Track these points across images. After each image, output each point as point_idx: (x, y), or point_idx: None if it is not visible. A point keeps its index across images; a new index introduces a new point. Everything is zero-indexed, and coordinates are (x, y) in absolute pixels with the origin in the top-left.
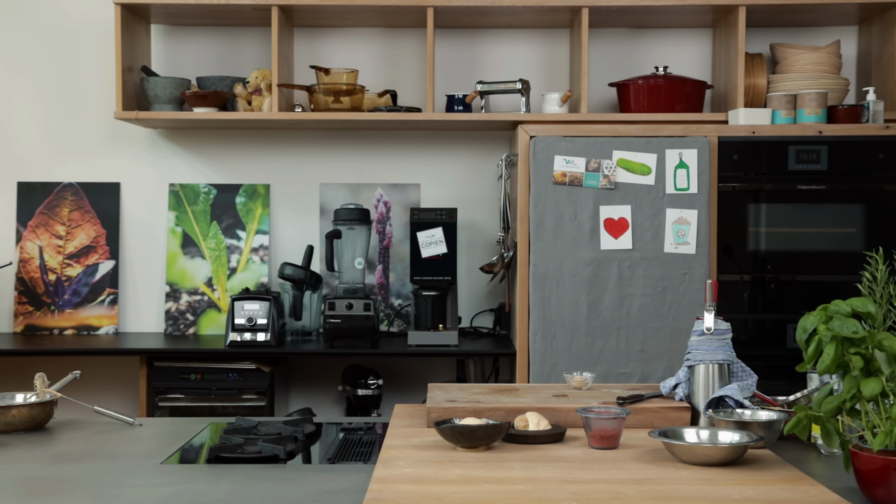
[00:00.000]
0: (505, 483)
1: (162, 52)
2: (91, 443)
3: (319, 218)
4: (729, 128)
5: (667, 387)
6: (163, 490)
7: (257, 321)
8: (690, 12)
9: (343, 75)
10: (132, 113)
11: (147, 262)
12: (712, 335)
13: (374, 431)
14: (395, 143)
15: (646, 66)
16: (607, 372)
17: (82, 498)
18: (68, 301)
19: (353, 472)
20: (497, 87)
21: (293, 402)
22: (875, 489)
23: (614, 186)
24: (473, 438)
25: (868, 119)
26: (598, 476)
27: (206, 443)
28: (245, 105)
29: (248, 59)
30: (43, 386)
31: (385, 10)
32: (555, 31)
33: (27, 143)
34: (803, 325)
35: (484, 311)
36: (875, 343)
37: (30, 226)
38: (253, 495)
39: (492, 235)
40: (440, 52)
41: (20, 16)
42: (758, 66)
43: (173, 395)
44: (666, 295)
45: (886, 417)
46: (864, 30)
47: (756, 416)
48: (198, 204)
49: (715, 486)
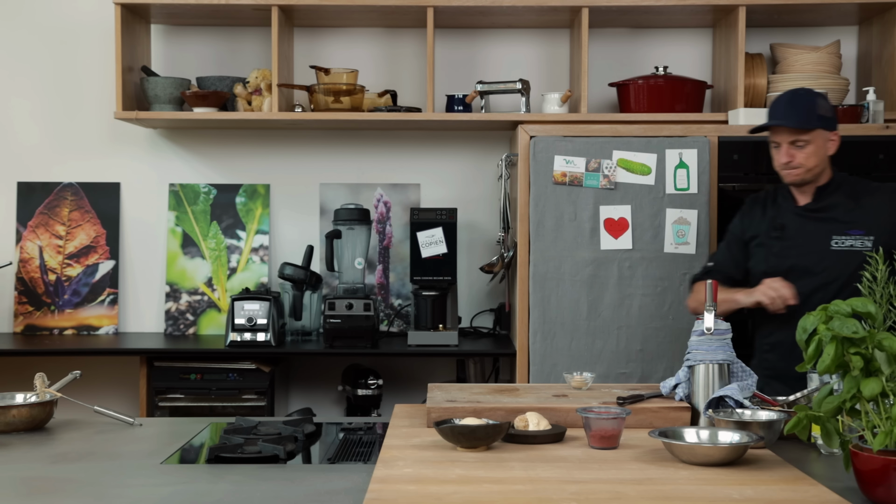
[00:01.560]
0: (505, 483)
1: (162, 52)
2: (91, 443)
3: (319, 218)
4: (729, 128)
5: (667, 387)
6: (163, 490)
7: (257, 321)
8: (690, 12)
9: (343, 75)
10: (132, 113)
11: (147, 262)
12: (712, 335)
13: (374, 431)
14: (395, 143)
15: (646, 66)
16: (607, 372)
17: (82, 498)
18: (68, 301)
19: (353, 472)
20: (497, 87)
21: (293, 402)
22: (875, 489)
23: (614, 186)
24: (473, 438)
25: (868, 119)
26: (598, 476)
27: (206, 443)
28: (245, 105)
29: (248, 59)
30: (43, 386)
31: (385, 10)
32: (555, 31)
33: (27, 143)
34: (803, 325)
35: (484, 311)
36: (875, 343)
37: (30, 226)
38: (253, 495)
39: (492, 235)
40: (440, 52)
41: (20, 16)
42: (758, 66)
43: (173, 395)
44: (666, 295)
45: (886, 417)
46: (864, 30)
47: (756, 416)
48: (198, 204)
49: (715, 486)
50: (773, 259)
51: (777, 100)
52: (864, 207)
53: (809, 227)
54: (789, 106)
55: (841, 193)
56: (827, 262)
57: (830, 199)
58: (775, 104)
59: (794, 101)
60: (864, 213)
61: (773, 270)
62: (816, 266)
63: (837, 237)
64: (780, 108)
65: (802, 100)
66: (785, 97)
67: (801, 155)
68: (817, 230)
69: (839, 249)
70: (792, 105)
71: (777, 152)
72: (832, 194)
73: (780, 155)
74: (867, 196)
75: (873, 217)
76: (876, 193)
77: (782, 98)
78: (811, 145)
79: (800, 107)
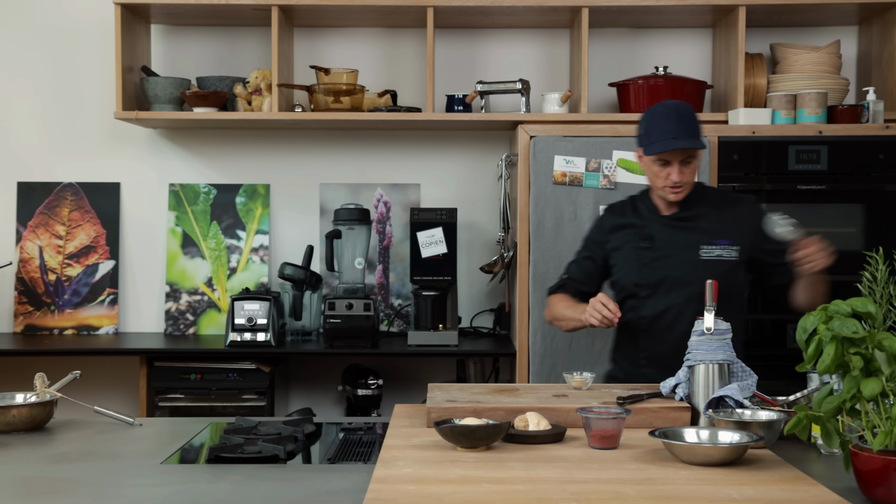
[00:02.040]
0: (505, 483)
1: (162, 52)
2: (91, 443)
3: (319, 218)
4: (729, 128)
5: (667, 387)
6: (163, 490)
7: (257, 321)
8: (690, 12)
9: (343, 75)
10: (132, 113)
11: (147, 262)
12: (712, 335)
13: (374, 431)
14: (395, 143)
15: (646, 66)
16: None
17: (82, 498)
18: (68, 301)
19: (353, 472)
20: (497, 87)
21: (293, 402)
22: (875, 489)
23: (614, 186)
24: (473, 438)
25: (868, 119)
26: (598, 476)
27: (206, 443)
28: (245, 105)
29: (248, 59)
30: (43, 386)
31: (385, 10)
32: (555, 31)
33: (27, 143)
34: (803, 325)
35: (484, 311)
36: (875, 343)
37: (30, 226)
38: (253, 495)
39: (492, 235)
40: (440, 52)
41: (20, 16)
42: (758, 66)
43: (173, 395)
44: None
45: (886, 417)
46: (864, 30)
47: (756, 416)
48: (198, 204)
49: (715, 486)
50: (644, 270)
51: (664, 117)
52: (729, 218)
53: (678, 237)
54: (682, 124)
55: (705, 203)
56: (697, 272)
57: (696, 209)
58: (666, 122)
59: (684, 118)
60: (730, 224)
61: (645, 282)
62: (688, 276)
63: (706, 247)
64: (674, 126)
65: (690, 115)
66: (673, 114)
67: (687, 172)
68: (686, 240)
69: (707, 259)
70: (684, 123)
71: (663, 171)
72: (696, 204)
73: (669, 174)
74: (731, 207)
75: (738, 227)
76: (739, 205)
77: (671, 115)
78: (696, 161)
79: (691, 124)
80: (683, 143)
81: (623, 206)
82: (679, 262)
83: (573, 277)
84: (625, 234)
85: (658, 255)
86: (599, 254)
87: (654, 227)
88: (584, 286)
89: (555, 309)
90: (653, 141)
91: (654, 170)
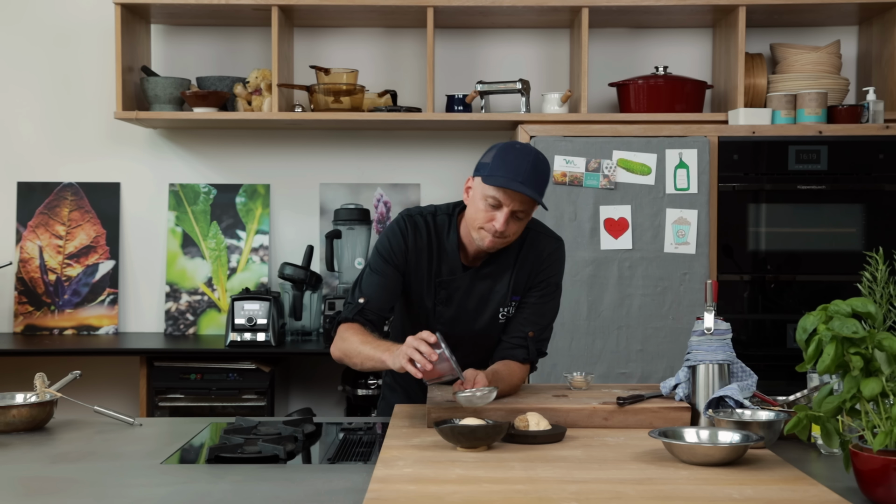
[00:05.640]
0: (505, 483)
1: (162, 52)
2: (91, 443)
3: (319, 218)
4: (729, 128)
5: (667, 387)
6: (163, 490)
7: (257, 321)
8: (690, 12)
9: (343, 75)
10: (132, 113)
11: (147, 262)
12: (712, 335)
13: (374, 431)
14: (395, 143)
15: (646, 66)
16: (607, 372)
17: (82, 498)
18: (68, 301)
19: (353, 472)
20: (497, 87)
21: (293, 402)
22: (875, 489)
23: (614, 186)
24: (473, 438)
25: (868, 119)
26: (598, 476)
27: (206, 443)
28: (245, 105)
29: (248, 59)
30: (43, 386)
31: (385, 10)
32: (555, 31)
33: (27, 143)
34: (803, 325)
35: None
36: (875, 343)
37: (30, 226)
38: (253, 495)
39: None
40: (440, 52)
41: (20, 16)
42: (758, 66)
43: (173, 395)
44: (666, 295)
45: (886, 417)
46: (864, 30)
47: (756, 416)
48: (198, 204)
49: (715, 486)
50: (438, 326)
51: (521, 156)
52: (524, 267)
53: (477, 296)
54: (535, 174)
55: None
56: (491, 330)
57: (499, 260)
58: (519, 162)
59: (539, 169)
60: (522, 274)
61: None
62: (482, 331)
63: (503, 308)
64: (527, 171)
65: (545, 170)
66: (530, 159)
67: (515, 226)
68: (485, 303)
69: (503, 319)
70: (537, 174)
71: (490, 212)
72: (502, 253)
73: (495, 219)
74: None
75: (525, 277)
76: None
77: (528, 159)
78: (526, 220)
79: (542, 178)
80: (528, 191)
81: (424, 224)
82: (476, 319)
83: (372, 302)
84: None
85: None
86: (396, 273)
87: (454, 279)
88: (385, 311)
89: (348, 343)
90: (497, 174)
91: (481, 206)
